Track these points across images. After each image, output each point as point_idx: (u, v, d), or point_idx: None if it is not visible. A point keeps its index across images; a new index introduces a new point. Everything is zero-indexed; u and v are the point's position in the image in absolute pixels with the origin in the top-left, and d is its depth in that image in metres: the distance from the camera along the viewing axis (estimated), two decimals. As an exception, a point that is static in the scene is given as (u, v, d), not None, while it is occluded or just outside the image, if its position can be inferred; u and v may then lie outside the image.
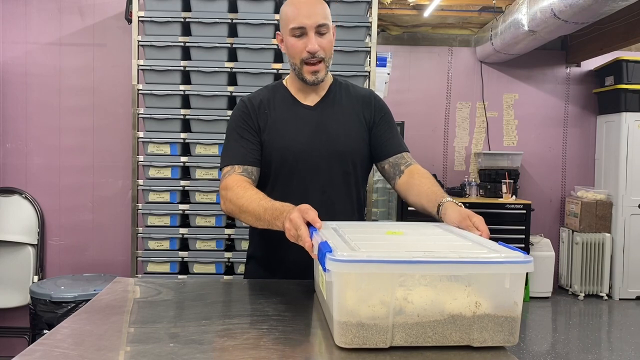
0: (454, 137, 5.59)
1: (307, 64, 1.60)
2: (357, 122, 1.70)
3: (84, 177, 3.60)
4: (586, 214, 5.23)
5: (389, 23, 5.35)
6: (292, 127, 1.65)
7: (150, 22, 2.91)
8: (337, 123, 1.67)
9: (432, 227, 1.37)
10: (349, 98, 1.72)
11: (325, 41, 1.59)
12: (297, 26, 1.56)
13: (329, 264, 0.97)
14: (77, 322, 1.14)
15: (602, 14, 3.78)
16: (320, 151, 1.64)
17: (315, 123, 1.66)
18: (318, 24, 1.56)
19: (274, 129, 1.65)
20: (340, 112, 1.69)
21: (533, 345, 4.07)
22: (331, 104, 1.70)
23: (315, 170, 1.63)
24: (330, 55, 1.63)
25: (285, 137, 1.64)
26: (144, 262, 2.96)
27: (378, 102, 1.76)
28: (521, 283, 1.00)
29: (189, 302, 1.37)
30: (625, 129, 5.18)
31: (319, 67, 1.60)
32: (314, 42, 1.56)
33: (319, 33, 1.57)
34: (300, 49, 1.58)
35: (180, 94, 2.94)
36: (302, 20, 1.56)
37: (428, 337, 0.99)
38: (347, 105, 1.71)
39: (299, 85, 1.69)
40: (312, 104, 1.69)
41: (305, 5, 1.58)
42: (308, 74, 1.61)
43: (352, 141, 1.68)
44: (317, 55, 1.58)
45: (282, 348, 1.01)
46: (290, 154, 1.63)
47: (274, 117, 1.66)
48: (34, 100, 3.58)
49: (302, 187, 1.63)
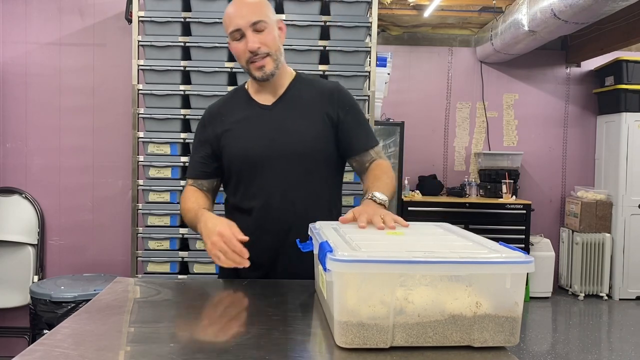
0: (454, 137, 5.59)
1: (253, 63, 1.58)
2: (319, 119, 1.64)
3: (84, 177, 3.60)
4: (586, 214, 5.23)
5: (389, 23, 5.35)
6: (248, 129, 1.64)
7: (150, 22, 2.91)
8: (295, 121, 1.63)
9: (433, 227, 1.37)
10: (311, 94, 1.67)
11: (264, 36, 1.56)
12: (234, 29, 1.56)
13: (329, 263, 0.97)
14: (77, 322, 1.13)
15: (602, 14, 3.78)
16: (278, 152, 1.60)
17: (272, 123, 1.63)
18: (252, 21, 1.55)
19: (230, 134, 1.64)
20: (299, 110, 1.65)
21: (533, 345, 4.07)
22: (289, 102, 1.66)
23: (276, 171, 1.61)
24: (275, 49, 1.60)
25: (240, 141, 1.63)
26: (144, 262, 2.96)
27: (343, 97, 1.69)
28: (522, 283, 1.00)
29: (189, 302, 1.36)
30: (625, 129, 5.18)
31: (265, 61, 1.57)
32: (252, 40, 1.55)
33: (256, 30, 1.56)
34: (243, 50, 1.57)
35: (180, 94, 2.94)
36: (236, 22, 1.56)
37: (428, 337, 0.99)
38: (307, 102, 1.66)
39: (256, 85, 1.68)
40: (269, 104, 1.66)
41: (237, 7, 1.58)
42: (255, 71, 1.59)
43: (312, 140, 1.62)
44: (260, 52, 1.56)
45: (283, 348, 1.01)
46: (247, 157, 1.62)
47: (230, 121, 1.66)
48: (34, 100, 3.58)
49: (264, 189, 1.61)
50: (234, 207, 1.71)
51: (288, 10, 2.92)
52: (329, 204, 1.70)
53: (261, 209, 1.62)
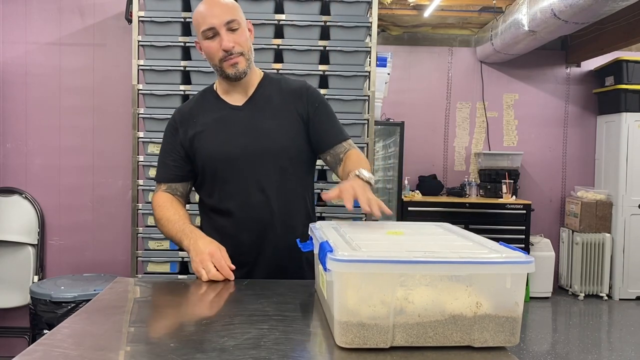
0: (454, 137, 5.59)
1: (226, 61, 1.59)
2: (289, 117, 1.66)
3: (84, 177, 3.60)
4: (586, 214, 5.23)
5: (389, 23, 5.35)
6: (220, 130, 1.64)
7: (150, 22, 2.91)
8: (266, 120, 1.64)
9: (433, 227, 1.37)
10: (280, 93, 1.69)
11: (238, 36, 1.58)
12: (207, 27, 1.57)
13: (329, 263, 0.97)
14: (77, 322, 1.13)
15: (602, 14, 3.78)
16: (252, 151, 1.62)
17: (244, 123, 1.64)
18: (226, 20, 1.56)
19: (202, 136, 1.64)
20: (269, 109, 1.66)
21: (533, 345, 4.07)
22: (260, 102, 1.67)
23: (251, 171, 1.62)
24: (247, 49, 1.62)
25: (213, 142, 1.64)
26: (144, 262, 2.96)
27: (311, 94, 1.70)
28: (522, 283, 1.00)
29: (189, 302, 1.36)
30: (625, 129, 5.18)
31: (238, 59, 1.59)
32: (227, 39, 1.56)
33: (230, 29, 1.57)
34: (216, 48, 1.58)
35: (180, 94, 2.94)
36: (210, 20, 1.56)
37: (429, 337, 0.99)
38: (277, 100, 1.67)
39: (225, 86, 1.68)
40: (240, 104, 1.67)
41: (210, 6, 1.58)
42: (228, 68, 1.60)
43: (283, 137, 1.64)
44: (234, 51, 1.58)
45: (283, 348, 1.00)
46: (221, 158, 1.63)
47: (202, 123, 1.66)
48: (34, 100, 3.58)
49: (241, 189, 1.63)
50: (210, 208, 1.72)
51: (288, 10, 2.92)
52: (304, 201, 1.72)
53: (239, 209, 1.64)
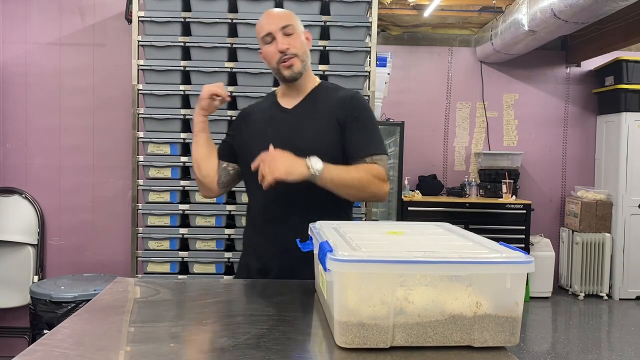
0: (454, 137, 5.59)
1: (282, 62, 1.72)
2: (330, 123, 1.73)
3: (84, 177, 3.60)
4: (586, 214, 5.23)
5: (389, 23, 5.35)
6: (265, 129, 1.78)
7: (150, 22, 2.91)
8: (307, 124, 1.74)
9: (433, 227, 1.37)
10: (328, 100, 1.78)
11: (292, 40, 1.73)
12: (265, 33, 1.73)
13: (329, 263, 0.97)
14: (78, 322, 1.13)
15: (602, 14, 3.78)
16: (288, 150, 1.64)
17: (287, 124, 1.76)
18: (282, 25, 1.72)
19: (249, 132, 1.82)
20: (314, 114, 1.76)
21: (533, 345, 4.07)
22: (308, 106, 1.78)
23: None
24: (302, 52, 1.75)
25: (255, 138, 1.78)
26: (144, 262, 2.96)
27: (355, 103, 1.76)
28: (522, 283, 1.00)
29: (189, 302, 1.36)
30: (625, 129, 5.18)
31: (293, 61, 1.72)
32: (282, 41, 1.71)
33: (285, 34, 1.72)
34: (273, 52, 1.73)
35: (180, 94, 2.94)
36: (267, 27, 1.73)
37: (429, 337, 0.99)
38: (323, 106, 1.76)
39: (283, 89, 1.83)
40: (290, 107, 1.80)
41: (268, 15, 1.77)
42: (285, 70, 1.73)
43: (318, 141, 1.71)
44: (289, 53, 1.71)
45: (283, 348, 1.01)
46: (257, 154, 1.68)
47: (254, 119, 1.84)
48: (34, 100, 3.58)
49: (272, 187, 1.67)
50: (248, 202, 1.87)
51: (288, 9, 2.91)
52: (333, 203, 1.72)
53: (270, 203, 1.73)
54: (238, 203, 2.96)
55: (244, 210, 2.95)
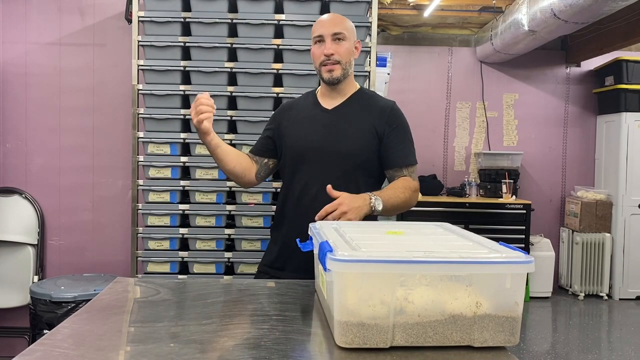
0: (454, 137, 5.59)
1: (324, 66, 1.84)
2: (367, 129, 1.84)
3: (84, 177, 3.60)
4: (586, 214, 5.23)
5: (389, 23, 5.35)
6: (304, 126, 1.89)
7: (150, 22, 2.91)
8: (345, 126, 1.84)
9: (433, 227, 1.37)
10: (367, 106, 1.89)
11: (340, 47, 1.82)
12: (317, 35, 1.85)
13: (329, 263, 0.97)
14: (78, 322, 1.13)
15: (602, 14, 3.78)
16: (326, 150, 1.83)
17: (326, 124, 1.87)
18: (333, 32, 1.82)
19: (290, 127, 1.92)
20: (352, 117, 1.86)
21: (533, 345, 4.07)
22: (347, 109, 1.89)
23: (316, 166, 1.83)
24: (346, 60, 1.85)
25: (294, 135, 1.90)
26: (144, 262, 2.96)
27: (394, 115, 1.89)
28: (522, 283, 1.00)
29: (189, 302, 1.36)
30: (625, 129, 5.18)
31: (335, 67, 1.83)
32: (329, 46, 1.81)
33: (335, 40, 1.82)
34: (319, 53, 1.84)
35: (180, 94, 2.94)
36: (320, 30, 1.84)
37: (429, 337, 0.99)
38: (362, 112, 1.87)
39: (324, 90, 1.93)
40: (330, 108, 1.90)
41: (325, 19, 1.88)
42: (325, 73, 1.85)
43: (354, 144, 1.82)
44: (333, 58, 1.82)
45: (283, 348, 1.01)
46: (296, 149, 1.88)
47: (294, 116, 1.94)
48: (34, 100, 3.58)
49: (304, 180, 1.84)
50: (284, 193, 1.95)
51: (288, 10, 2.92)
52: None
53: (300, 195, 1.86)
54: (238, 203, 2.96)
55: (244, 210, 2.95)
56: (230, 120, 2.95)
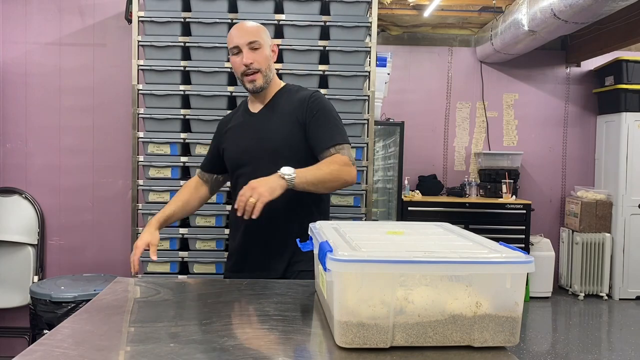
0: (454, 137, 5.59)
1: (246, 75, 1.88)
2: (291, 122, 1.87)
3: (84, 177, 3.60)
4: (586, 214, 5.23)
5: (389, 23, 5.35)
6: (237, 134, 1.96)
7: (150, 22, 2.91)
8: (270, 125, 1.89)
9: (433, 227, 1.37)
10: (289, 101, 1.92)
11: (258, 55, 1.86)
12: (233, 45, 1.88)
13: (329, 263, 0.97)
14: (78, 322, 1.13)
15: (602, 14, 3.78)
16: (255, 151, 1.88)
17: (254, 127, 1.92)
18: (249, 41, 1.85)
19: (227, 138, 1.99)
20: (276, 115, 1.90)
21: (533, 345, 4.07)
22: (271, 109, 1.93)
23: (250, 169, 1.86)
24: (266, 66, 1.88)
25: (230, 143, 1.97)
26: (144, 262, 2.96)
27: (312, 102, 1.88)
28: (522, 283, 1.00)
29: (189, 302, 1.37)
30: (625, 129, 5.18)
31: (256, 76, 1.87)
32: (247, 56, 1.85)
33: (252, 49, 1.85)
34: (239, 64, 1.87)
35: (180, 94, 2.94)
36: (235, 40, 1.87)
37: (429, 337, 0.99)
38: (285, 108, 1.91)
39: (251, 96, 1.99)
40: (256, 111, 1.95)
41: (239, 29, 1.89)
42: (247, 83, 1.89)
43: (279, 140, 1.86)
44: (252, 67, 1.85)
45: (283, 348, 1.01)
46: (233, 159, 1.95)
47: (230, 126, 2.00)
48: (34, 100, 3.58)
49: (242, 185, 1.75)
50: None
51: (288, 10, 2.92)
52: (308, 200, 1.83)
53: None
54: (238, 203, 2.95)
55: (244, 210, 2.95)
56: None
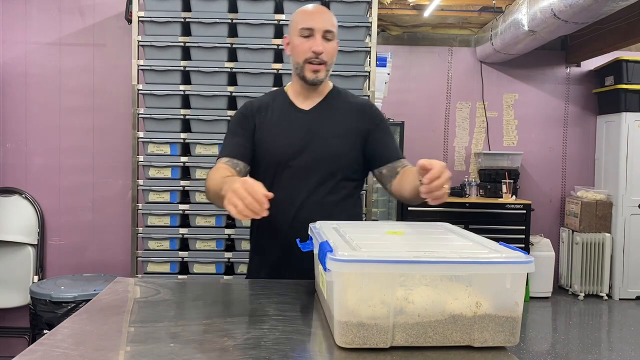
0: (454, 137, 5.59)
1: (310, 64, 1.67)
2: (349, 128, 1.73)
3: (84, 177, 3.60)
4: (586, 214, 5.22)
5: (389, 23, 5.35)
6: (283, 130, 1.73)
7: (150, 22, 2.91)
8: (328, 127, 1.72)
9: (433, 227, 1.37)
10: (345, 105, 1.78)
11: (329, 46, 1.68)
12: (307, 27, 1.66)
13: (329, 263, 0.97)
14: (78, 322, 1.13)
15: (602, 14, 3.78)
16: (307, 153, 1.69)
17: (307, 127, 1.72)
18: (326, 29, 1.67)
19: (266, 131, 1.73)
20: (333, 118, 1.74)
21: (533, 345, 4.07)
22: (326, 109, 1.76)
23: (302, 172, 1.69)
24: (332, 61, 1.72)
25: (274, 140, 1.72)
26: (144, 262, 2.96)
27: (374, 112, 1.81)
28: (522, 283, 1.00)
29: (189, 302, 1.36)
30: (625, 129, 5.17)
31: (321, 68, 1.68)
32: (320, 44, 1.65)
33: (325, 38, 1.67)
34: (306, 48, 1.66)
35: (180, 94, 2.94)
36: (312, 22, 1.66)
37: (429, 337, 0.99)
38: (342, 111, 1.76)
39: (298, 88, 1.76)
40: (307, 109, 1.75)
41: (316, 12, 1.71)
42: (309, 72, 1.68)
43: (340, 145, 1.71)
44: (321, 58, 1.67)
45: (283, 348, 1.01)
46: (276, 155, 1.70)
47: (269, 119, 1.75)
48: (34, 100, 3.58)
49: (287, 188, 1.68)
50: None
51: (288, 10, 2.92)
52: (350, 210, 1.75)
53: (284, 205, 1.66)
54: (238, 203, 2.95)
55: (244, 210, 2.95)
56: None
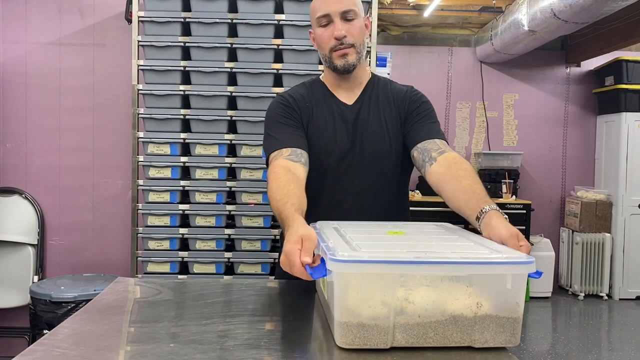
0: (454, 137, 5.59)
1: (335, 51, 1.55)
2: (394, 119, 1.62)
3: (84, 177, 3.60)
4: (586, 214, 5.22)
5: (389, 23, 5.35)
6: (331, 125, 1.61)
7: (150, 22, 2.91)
8: (373, 123, 1.61)
9: (433, 227, 1.37)
10: (387, 95, 1.65)
11: (352, 27, 1.54)
12: (322, 14, 1.54)
13: (329, 264, 0.96)
14: (78, 322, 1.13)
15: (602, 14, 3.77)
16: (356, 152, 1.59)
17: (353, 123, 1.61)
18: (343, 10, 1.52)
19: (315, 126, 1.61)
20: (378, 111, 1.63)
21: (533, 345, 4.07)
22: (369, 102, 1.64)
23: (351, 172, 1.60)
24: (361, 42, 1.57)
25: (319, 134, 1.60)
26: (144, 262, 2.96)
27: (415, 94, 1.67)
28: (523, 284, 1.00)
29: (189, 302, 1.36)
30: (625, 129, 5.17)
31: (349, 51, 1.55)
32: (340, 27, 1.52)
33: (345, 19, 1.53)
34: (328, 37, 1.55)
35: (180, 94, 2.94)
36: (326, 8, 1.53)
37: (429, 338, 0.99)
38: (384, 102, 1.64)
39: (334, 80, 1.65)
40: (350, 103, 1.64)
41: None
42: (337, 59, 1.56)
43: (389, 141, 1.61)
44: (345, 41, 1.53)
45: (283, 348, 1.00)
46: (324, 151, 1.59)
47: (315, 112, 1.62)
48: (34, 100, 3.58)
49: (336, 189, 1.60)
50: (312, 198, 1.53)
51: (288, 10, 2.92)
52: (397, 208, 1.71)
53: (330, 206, 1.60)
54: (238, 203, 2.95)
55: (244, 210, 2.95)
56: (230, 120, 2.96)
